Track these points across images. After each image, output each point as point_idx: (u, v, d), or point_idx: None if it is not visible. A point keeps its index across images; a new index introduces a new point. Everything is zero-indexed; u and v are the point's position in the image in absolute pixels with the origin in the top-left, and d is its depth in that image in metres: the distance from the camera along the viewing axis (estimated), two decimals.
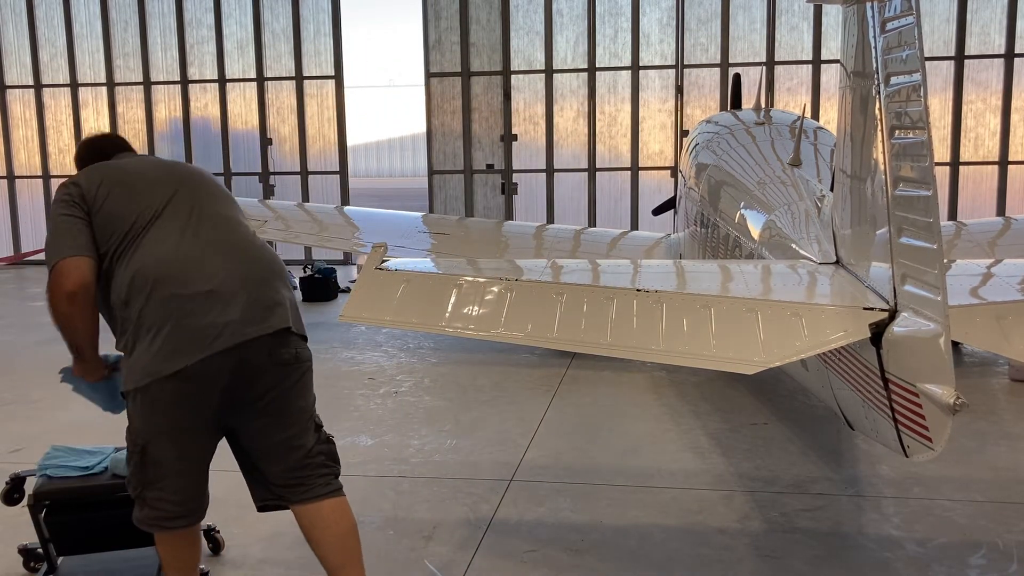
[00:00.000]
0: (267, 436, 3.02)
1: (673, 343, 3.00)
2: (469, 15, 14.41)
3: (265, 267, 2.98)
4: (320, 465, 3.08)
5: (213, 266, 2.85)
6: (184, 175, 3.16)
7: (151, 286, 2.79)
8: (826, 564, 3.66)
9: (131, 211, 2.94)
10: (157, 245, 2.87)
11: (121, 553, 3.58)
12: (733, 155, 6.86)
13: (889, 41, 2.71)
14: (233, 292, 2.83)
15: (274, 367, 2.93)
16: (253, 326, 2.83)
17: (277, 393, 2.97)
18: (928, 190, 2.47)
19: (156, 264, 2.82)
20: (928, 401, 2.42)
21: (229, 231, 3.03)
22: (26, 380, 7.08)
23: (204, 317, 2.77)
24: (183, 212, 2.98)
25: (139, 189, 3.01)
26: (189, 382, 2.79)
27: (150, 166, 3.24)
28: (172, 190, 3.02)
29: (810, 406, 5.82)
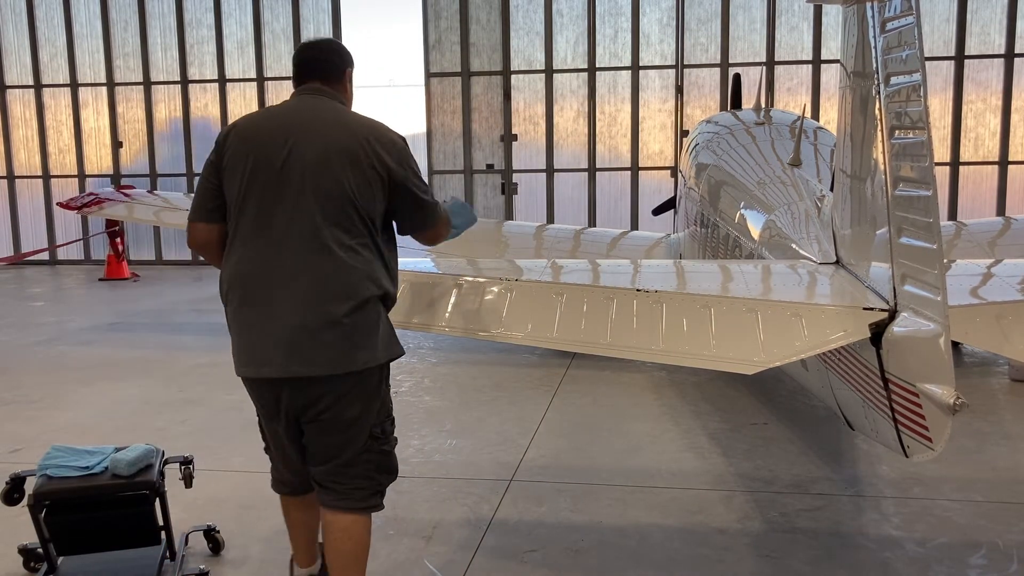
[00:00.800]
0: (312, 439, 3.02)
1: (673, 343, 3.00)
2: (469, 15, 14.41)
3: (324, 294, 2.79)
4: (361, 476, 3.01)
5: (282, 287, 2.81)
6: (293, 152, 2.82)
7: (230, 294, 2.94)
8: (826, 564, 3.66)
9: (233, 185, 2.89)
10: (243, 247, 2.89)
11: (121, 553, 3.58)
12: (733, 155, 6.85)
13: (889, 41, 2.71)
14: (285, 319, 2.80)
15: (319, 392, 2.89)
16: (295, 365, 2.81)
17: (323, 408, 2.92)
18: (928, 190, 2.47)
19: (234, 274, 2.91)
20: (928, 401, 2.42)
21: (304, 248, 2.80)
22: (26, 380, 7.09)
23: (263, 337, 2.84)
24: (270, 210, 2.82)
25: (257, 179, 2.84)
26: (256, 386, 3.00)
27: (272, 130, 2.91)
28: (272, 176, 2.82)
29: (810, 406, 5.82)
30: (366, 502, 3.02)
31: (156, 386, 6.83)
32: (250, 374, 2.92)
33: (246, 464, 4.95)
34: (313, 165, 2.81)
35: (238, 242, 2.89)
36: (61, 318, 10.23)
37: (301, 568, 3.36)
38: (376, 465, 3.02)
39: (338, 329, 2.80)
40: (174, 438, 5.35)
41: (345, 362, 2.82)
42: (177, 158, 15.78)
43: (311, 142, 2.83)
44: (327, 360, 2.80)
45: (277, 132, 2.87)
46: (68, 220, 15.78)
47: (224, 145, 2.93)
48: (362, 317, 2.84)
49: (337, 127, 2.88)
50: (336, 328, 2.79)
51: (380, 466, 3.04)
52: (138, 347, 8.36)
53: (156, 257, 15.89)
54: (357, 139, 2.85)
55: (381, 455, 3.03)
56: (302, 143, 2.83)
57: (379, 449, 3.02)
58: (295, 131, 2.85)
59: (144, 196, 9.67)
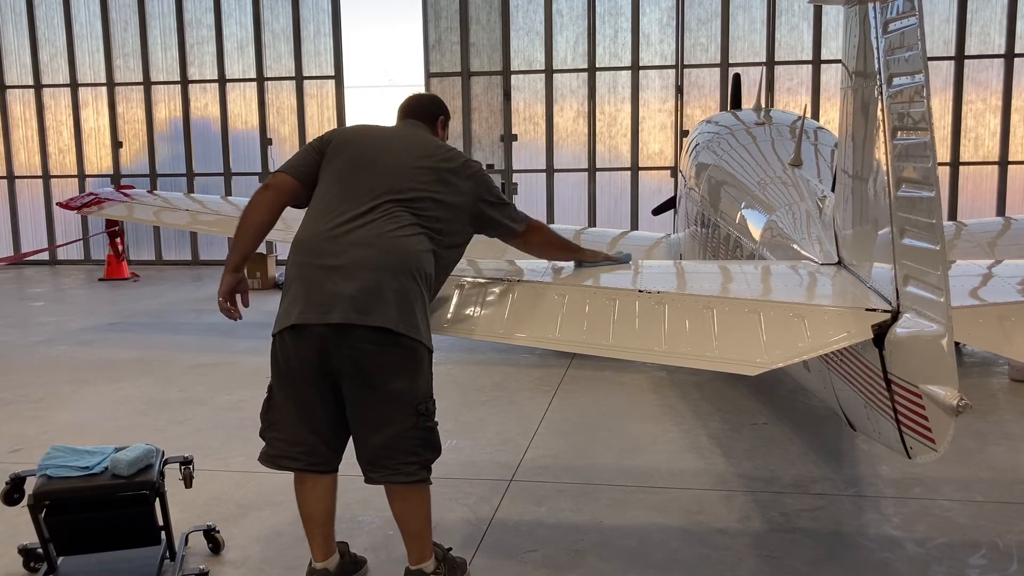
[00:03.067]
0: (356, 408, 3.16)
1: (675, 344, 3.00)
2: (469, 15, 14.41)
3: (385, 260, 3.09)
4: (408, 451, 3.16)
5: (346, 248, 3.11)
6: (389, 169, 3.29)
7: (299, 250, 3.22)
8: (826, 564, 3.66)
9: (329, 166, 3.34)
10: (325, 215, 3.22)
11: (121, 553, 3.58)
12: (733, 155, 6.85)
13: (891, 42, 2.70)
14: (353, 275, 3.06)
15: (372, 348, 3.06)
16: (355, 314, 3.03)
17: (373, 370, 3.09)
18: (931, 191, 2.47)
19: (312, 235, 3.20)
20: (931, 402, 2.41)
21: (377, 224, 3.16)
22: (26, 380, 7.08)
23: (327, 289, 3.07)
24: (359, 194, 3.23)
25: (357, 163, 3.31)
26: (302, 338, 3.12)
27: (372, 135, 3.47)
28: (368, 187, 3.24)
29: (810, 406, 5.82)
30: (416, 475, 3.20)
31: (156, 386, 6.83)
32: (309, 320, 3.08)
33: (246, 464, 4.95)
34: (398, 166, 3.29)
35: (320, 207, 3.27)
36: (61, 318, 10.23)
37: (317, 563, 3.39)
38: (422, 441, 3.19)
39: (400, 295, 3.08)
40: (174, 438, 5.34)
41: (403, 324, 3.07)
42: (177, 158, 15.79)
43: (400, 150, 3.36)
44: (387, 317, 3.05)
45: (375, 136, 3.45)
46: (68, 220, 15.78)
47: (330, 136, 3.45)
48: (418, 296, 3.15)
49: (425, 144, 3.44)
50: (398, 294, 3.08)
51: (426, 442, 3.21)
52: (138, 347, 8.36)
53: (156, 257, 15.89)
54: (441, 157, 3.37)
55: (427, 431, 3.20)
56: (393, 148, 3.37)
57: (424, 426, 3.19)
58: (389, 139, 3.44)
59: (144, 196, 9.67)
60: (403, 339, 3.09)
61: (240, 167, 15.60)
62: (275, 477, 4.72)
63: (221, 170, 15.60)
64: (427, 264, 3.20)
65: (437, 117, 3.68)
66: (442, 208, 3.28)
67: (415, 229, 3.20)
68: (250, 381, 6.88)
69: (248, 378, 6.92)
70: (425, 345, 3.19)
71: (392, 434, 3.14)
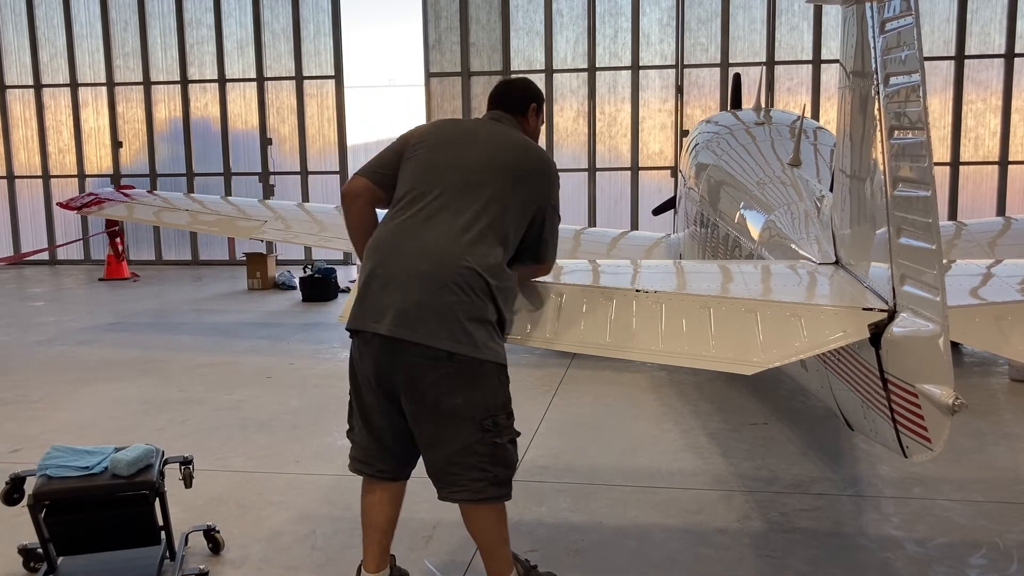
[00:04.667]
0: (417, 423, 3.04)
1: (672, 344, 3.00)
2: (469, 15, 14.42)
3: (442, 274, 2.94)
4: (473, 467, 3.01)
5: (413, 257, 2.99)
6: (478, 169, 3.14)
7: (373, 254, 3.08)
8: (826, 564, 3.66)
9: (407, 169, 3.19)
10: (400, 218, 3.10)
11: (121, 553, 3.58)
12: (733, 155, 6.85)
13: (888, 41, 2.71)
14: (409, 290, 2.94)
15: (424, 364, 2.94)
16: (405, 329, 2.91)
17: (427, 386, 2.96)
18: (927, 190, 2.47)
19: (384, 239, 3.09)
20: (927, 402, 2.41)
21: (451, 233, 3.02)
22: (26, 380, 7.09)
23: (381, 298, 2.96)
24: (436, 199, 3.09)
25: (431, 163, 3.16)
26: (363, 343, 3.03)
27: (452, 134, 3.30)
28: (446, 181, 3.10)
29: (810, 406, 5.82)
30: (483, 493, 3.05)
31: (156, 386, 6.83)
32: (362, 326, 2.99)
33: (246, 464, 4.96)
34: (470, 168, 3.12)
35: (398, 211, 3.13)
36: (61, 318, 10.23)
37: (368, 572, 3.26)
38: (489, 457, 3.02)
39: (455, 311, 2.92)
40: (174, 438, 5.35)
41: (452, 342, 2.91)
42: (177, 158, 15.81)
43: (475, 150, 3.18)
44: (435, 335, 2.90)
45: (452, 135, 3.28)
46: (68, 220, 15.80)
47: (411, 135, 3.30)
48: (475, 309, 2.96)
49: (503, 142, 3.24)
50: (452, 309, 2.92)
51: (494, 458, 3.04)
52: (138, 347, 8.37)
53: (156, 257, 15.91)
54: (522, 159, 3.20)
55: (494, 447, 3.03)
56: (467, 149, 3.19)
57: (491, 441, 3.02)
58: (466, 137, 3.26)
59: (144, 196, 9.67)
60: (456, 355, 2.92)
61: (240, 167, 15.61)
62: (275, 477, 4.74)
63: (221, 170, 15.61)
64: (493, 274, 3.00)
65: (527, 105, 3.44)
66: (515, 212, 3.12)
67: (483, 236, 3.02)
68: (250, 381, 6.89)
69: (248, 378, 6.93)
70: (486, 360, 2.99)
71: (454, 449, 3.00)
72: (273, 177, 15.50)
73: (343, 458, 4.69)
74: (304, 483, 4.66)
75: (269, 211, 9.09)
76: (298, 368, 7.32)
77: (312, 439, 5.39)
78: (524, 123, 3.43)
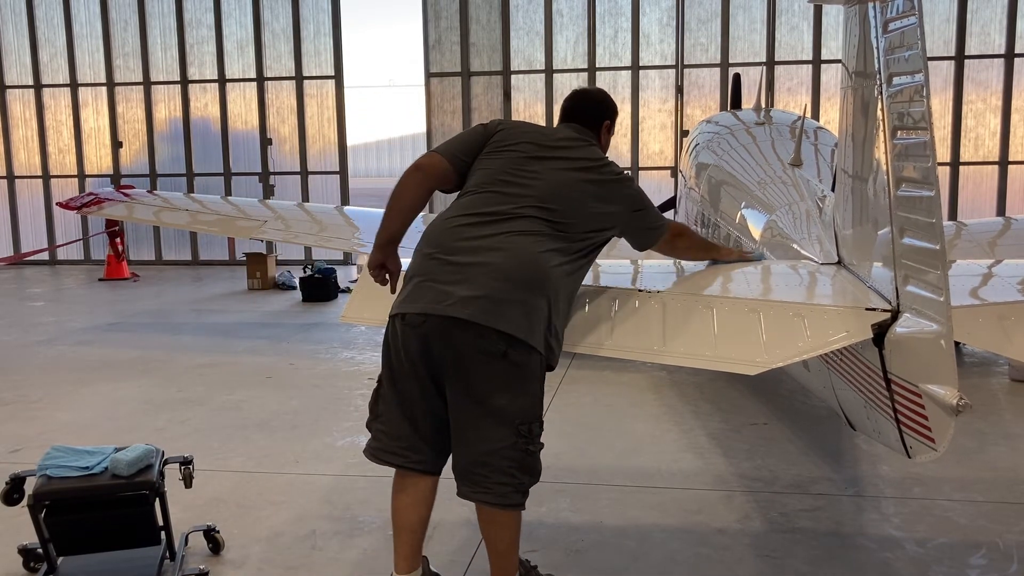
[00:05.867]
0: (457, 413, 2.99)
1: (675, 344, 3.00)
2: (469, 15, 14.42)
3: (511, 272, 2.93)
4: (502, 471, 2.97)
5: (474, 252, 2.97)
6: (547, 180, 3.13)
7: (430, 239, 3.07)
8: (826, 564, 3.66)
9: (488, 158, 3.21)
10: (469, 207, 3.10)
11: (121, 553, 3.58)
12: (733, 155, 6.85)
13: (891, 42, 2.70)
14: (473, 276, 2.91)
15: (479, 356, 2.89)
16: (468, 311, 2.86)
17: (477, 380, 2.92)
18: (930, 191, 2.46)
19: (447, 227, 3.07)
20: (931, 402, 2.41)
21: (518, 231, 3.02)
22: (26, 380, 7.08)
23: (447, 282, 2.92)
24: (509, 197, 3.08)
25: (514, 165, 3.16)
26: (412, 327, 2.95)
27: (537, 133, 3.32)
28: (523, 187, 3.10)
29: (810, 406, 5.82)
30: (507, 499, 3.01)
31: (156, 386, 6.83)
32: (419, 309, 2.93)
33: (246, 464, 4.96)
34: (551, 178, 3.12)
35: (470, 199, 3.12)
36: (61, 318, 10.23)
37: (396, 575, 3.20)
38: (519, 463, 2.99)
39: (519, 306, 2.90)
40: (174, 438, 5.35)
41: (517, 329, 2.89)
42: (177, 158, 15.80)
43: (556, 160, 3.18)
44: (500, 320, 2.87)
45: (538, 141, 3.24)
46: (68, 220, 15.79)
47: (499, 127, 3.33)
48: (540, 311, 2.94)
49: (581, 157, 3.23)
50: (517, 305, 2.90)
51: (523, 465, 3.01)
52: (138, 347, 8.36)
53: (156, 257, 15.90)
54: (593, 173, 3.19)
55: (525, 454, 3.00)
56: (550, 157, 3.18)
57: (524, 448, 2.99)
58: (548, 146, 3.24)
59: (144, 196, 9.66)
60: (513, 350, 2.89)
61: (240, 167, 15.60)
62: (275, 477, 4.73)
63: (221, 170, 15.60)
64: (556, 283, 2.99)
65: (602, 121, 3.44)
66: (589, 228, 3.12)
67: (552, 244, 3.01)
68: (250, 381, 6.88)
69: (248, 378, 6.93)
70: (540, 357, 2.99)
71: (486, 449, 2.96)
72: (273, 177, 15.50)
73: (343, 458, 4.68)
74: (304, 483, 4.65)
75: (269, 211, 9.08)
76: (298, 368, 7.31)
77: (312, 439, 5.39)
78: (596, 138, 3.41)
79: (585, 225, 3.11)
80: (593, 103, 3.46)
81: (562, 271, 3.02)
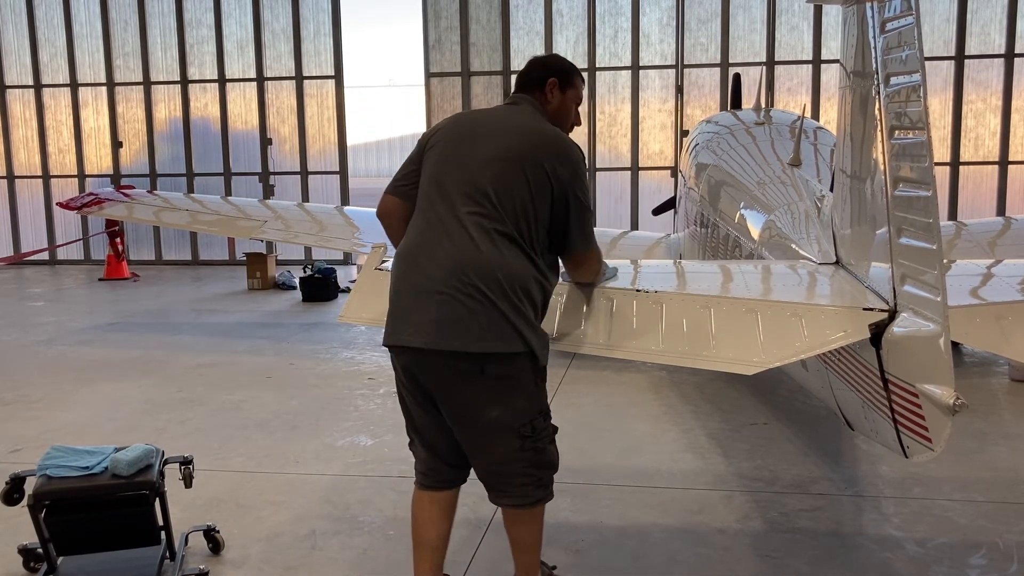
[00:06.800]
0: (459, 432, 3.00)
1: (673, 344, 3.00)
2: (469, 15, 14.42)
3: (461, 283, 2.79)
4: (517, 474, 2.98)
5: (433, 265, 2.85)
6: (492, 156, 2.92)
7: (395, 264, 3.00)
8: (826, 564, 3.66)
9: (425, 170, 3.04)
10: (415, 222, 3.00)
11: (121, 553, 3.58)
12: (733, 155, 6.85)
13: (889, 41, 2.70)
14: (432, 295, 2.82)
15: (456, 379, 2.85)
16: (437, 339, 2.79)
17: (462, 400, 2.90)
18: (928, 190, 2.47)
19: (403, 246, 3.00)
20: (928, 402, 2.41)
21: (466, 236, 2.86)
22: (26, 380, 7.09)
23: (409, 312, 2.87)
24: (441, 194, 2.93)
25: (441, 165, 2.99)
26: (398, 357, 2.97)
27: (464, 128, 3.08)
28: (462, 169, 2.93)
29: (810, 406, 5.82)
30: (529, 497, 3.02)
31: (156, 386, 6.83)
32: (394, 341, 2.90)
33: (246, 464, 4.96)
34: (483, 162, 2.91)
35: (415, 217, 3.02)
36: (61, 318, 10.23)
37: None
38: (531, 462, 2.99)
39: (485, 316, 2.78)
40: (174, 438, 5.35)
41: (487, 343, 2.78)
42: (177, 158, 15.81)
43: (486, 141, 2.96)
44: (468, 340, 2.78)
45: (465, 128, 3.06)
46: (68, 220, 15.80)
47: (429, 134, 3.13)
48: (511, 312, 2.81)
49: (515, 127, 3.00)
50: (483, 316, 2.78)
51: (537, 462, 3.01)
52: (138, 347, 8.37)
53: (156, 257, 15.90)
54: (532, 144, 2.94)
55: (534, 452, 2.99)
56: (478, 140, 2.98)
57: (531, 447, 2.97)
58: (477, 128, 3.04)
59: (144, 196, 9.67)
60: (490, 365, 2.80)
61: (240, 167, 15.61)
62: (275, 477, 4.74)
63: (221, 170, 15.61)
64: (521, 278, 2.84)
65: (545, 81, 3.12)
66: (533, 206, 2.88)
67: (503, 238, 2.84)
68: (250, 381, 6.89)
69: (248, 378, 6.93)
70: (527, 357, 2.86)
71: (497, 459, 2.97)
72: (273, 177, 15.50)
73: (343, 458, 4.70)
74: (304, 483, 4.66)
75: (269, 211, 9.09)
76: (298, 368, 7.32)
77: (312, 439, 5.39)
78: (544, 102, 3.13)
79: (523, 204, 2.87)
80: (536, 65, 3.18)
81: (523, 267, 2.86)
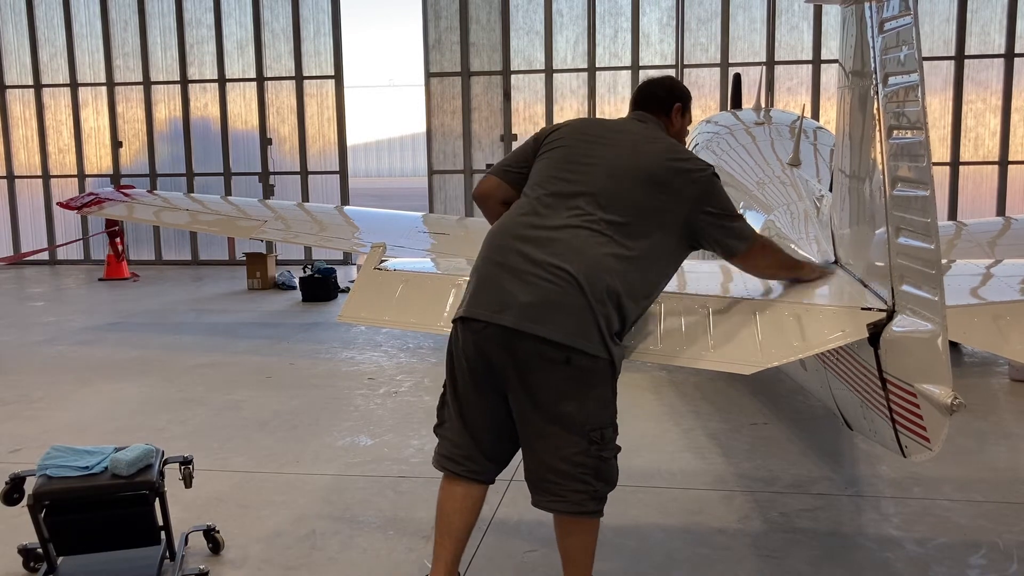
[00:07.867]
0: (524, 423, 2.91)
1: (671, 344, 3.00)
2: (469, 15, 14.42)
3: (570, 275, 2.78)
4: (576, 479, 2.88)
5: (536, 249, 2.85)
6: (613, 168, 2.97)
7: (489, 243, 2.99)
8: (826, 564, 3.66)
9: (545, 167, 3.07)
10: (518, 210, 3.02)
11: (121, 553, 3.58)
12: (733, 155, 6.86)
13: (887, 41, 2.71)
14: (527, 276, 2.81)
15: (540, 363, 2.79)
16: (527, 321, 2.76)
17: (541, 386, 2.82)
18: (926, 190, 2.47)
19: (502, 229, 2.99)
20: (925, 401, 2.42)
21: (577, 234, 2.87)
22: (26, 380, 7.09)
23: (500, 290, 2.84)
24: (562, 196, 2.96)
25: (568, 160, 3.03)
26: (474, 333, 2.88)
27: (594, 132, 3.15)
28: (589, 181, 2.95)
29: (810, 406, 5.82)
30: (582, 506, 2.92)
31: (156, 386, 6.84)
32: (478, 315, 2.85)
33: (246, 464, 4.96)
34: (610, 171, 2.96)
35: (522, 200, 3.04)
36: (61, 318, 10.24)
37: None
38: (593, 470, 2.89)
39: (580, 310, 2.77)
40: (174, 438, 5.36)
41: (579, 337, 2.76)
42: (177, 158, 15.81)
43: (616, 152, 3.01)
44: (561, 329, 2.76)
45: (593, 135, 3.10)
46: (68, 220, 15.81)
47: (550, 130, 3.19)
48: (603, 314, 2.80)
49: (645, 145, 3.05)
50: (578, 309, 2.77)
51: (597, 472, 2.91)
52: (138, 347, 8.37)
53: (156, 257, 15.91)
54: (660, 161, 2.97)
55: (599, 460, 2.90)
56: (608, 150, 3.02)
57: (597, 454, 2.89)
58: (607, 137, 3.08)
59: (144, 196, 9.68)
60: (576, 356, 2.76)
61: (240, 167, 15.61)
62: (275, 477, 4.74)
63: (221, 170, 15.62)
64: (619, 284, 2.82)
65: (671, 105, 3.24)
66: (653, 222, 2.90)
67: (613, 245, 2.84)
68: (250, 381, 6.89)
69: (248, 378, 6.93)
70: (607, 364, 2.83)
71: (559, 457, 2.85)
72: (273, 177, 15.51)
73: (343, 458, 4.69)
74: (304, 483, 4.66)
75: (269, 211, 9.09)
76: (298, 368, 7.32)
77: (312, 439, 5.39)
78: (668, 125, 3.25)
79: (642, 217, 2.90)
80: (660, 86, 3.30)
81: (625, 275, 2.84)
